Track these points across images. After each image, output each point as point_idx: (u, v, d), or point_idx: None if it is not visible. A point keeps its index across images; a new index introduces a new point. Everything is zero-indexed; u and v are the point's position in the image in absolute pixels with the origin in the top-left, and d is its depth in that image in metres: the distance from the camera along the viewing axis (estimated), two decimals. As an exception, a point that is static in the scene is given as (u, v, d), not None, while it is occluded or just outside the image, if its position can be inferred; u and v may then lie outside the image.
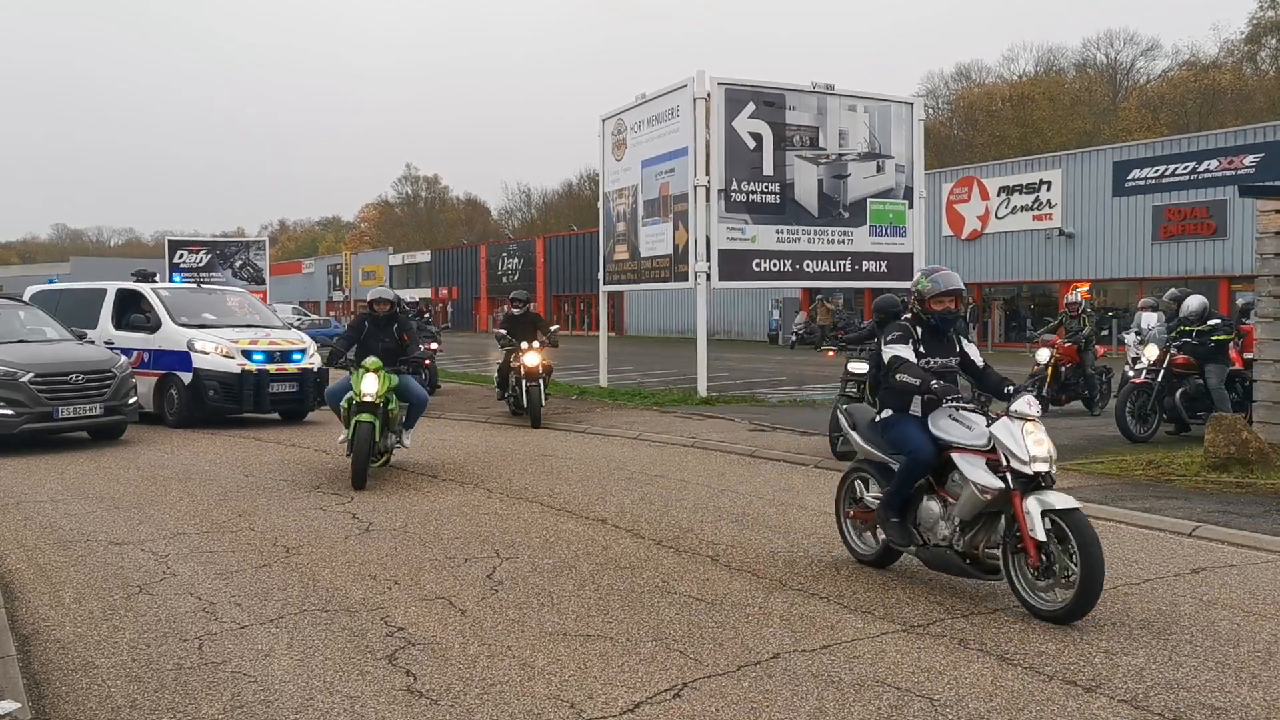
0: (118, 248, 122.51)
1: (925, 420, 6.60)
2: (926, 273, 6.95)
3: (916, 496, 6.58)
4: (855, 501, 7.28)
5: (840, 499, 7.41)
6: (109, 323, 16.64)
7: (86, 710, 4.66)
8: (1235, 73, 60.33)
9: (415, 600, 6.34)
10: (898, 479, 6.59)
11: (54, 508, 9.27)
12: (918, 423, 6.61)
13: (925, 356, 6.70)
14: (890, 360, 6.68)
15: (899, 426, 6.66)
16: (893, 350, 6.69)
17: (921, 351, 6.70)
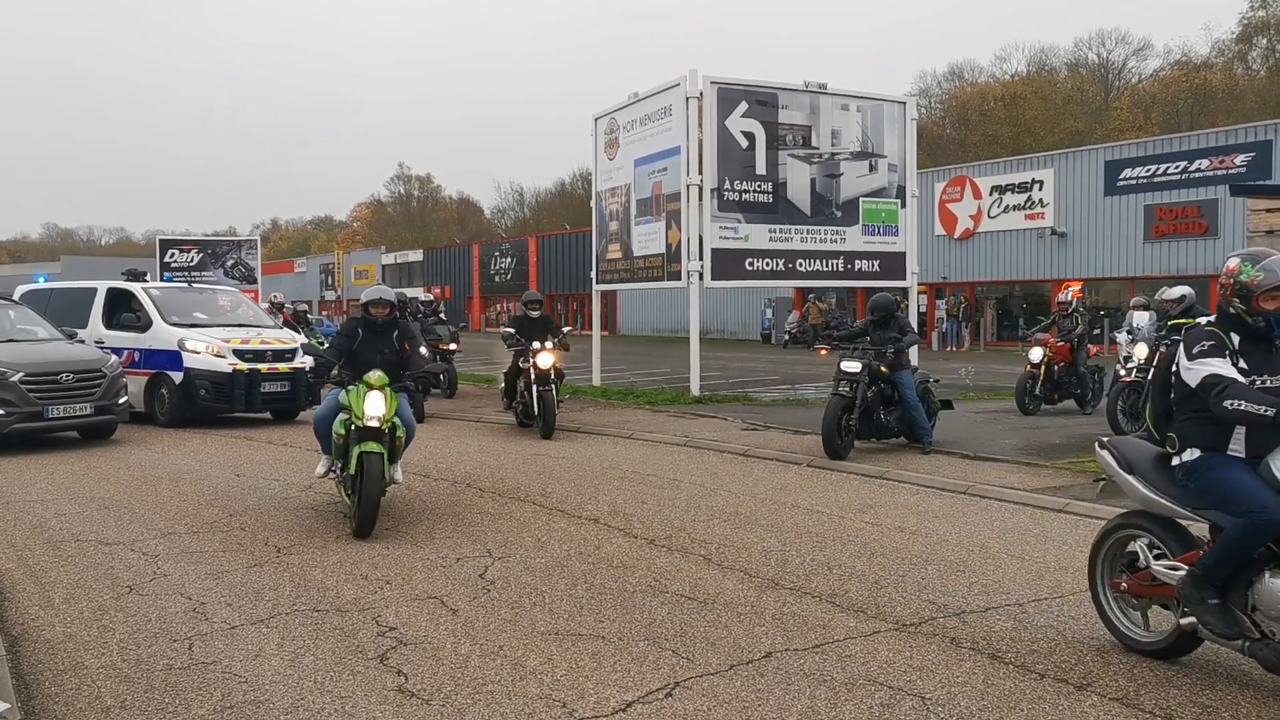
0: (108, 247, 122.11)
1: (1251, 464, 4.93)
2: (1252, 258, 5.06)
3: (1248, 570, 4.82)
4: (1129, 567, 5.44)
5: (1099, 561, 5.60)
6: (99, 322, 16.59)
7: (76, 711, 4.64)
8: (1226, 72, 60.51)
9: (407, 600, 6.32)
10: (1223, 547, 4.83)
11: (44, 507, 9.23)
12: (1246, 468, 4.92)
13: (1249, 374, 4.93)
14: (1205, 381, 4.88)
15: (1219, 472, 4.93)
16: (1207, 367, 4.91)
17: (1243, 367, 4.94)
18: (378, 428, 8.06)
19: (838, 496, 9.85)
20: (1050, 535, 8.13)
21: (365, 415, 8.00)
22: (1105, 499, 6.62)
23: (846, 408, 11.93)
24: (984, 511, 9.10)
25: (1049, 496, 9.51)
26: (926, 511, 9.07)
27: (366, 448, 7.92)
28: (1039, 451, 12.21)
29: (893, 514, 8.95)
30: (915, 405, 12.30)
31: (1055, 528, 8.42)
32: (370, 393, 8.11)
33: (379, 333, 8.84)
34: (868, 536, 8.09)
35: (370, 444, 7.95)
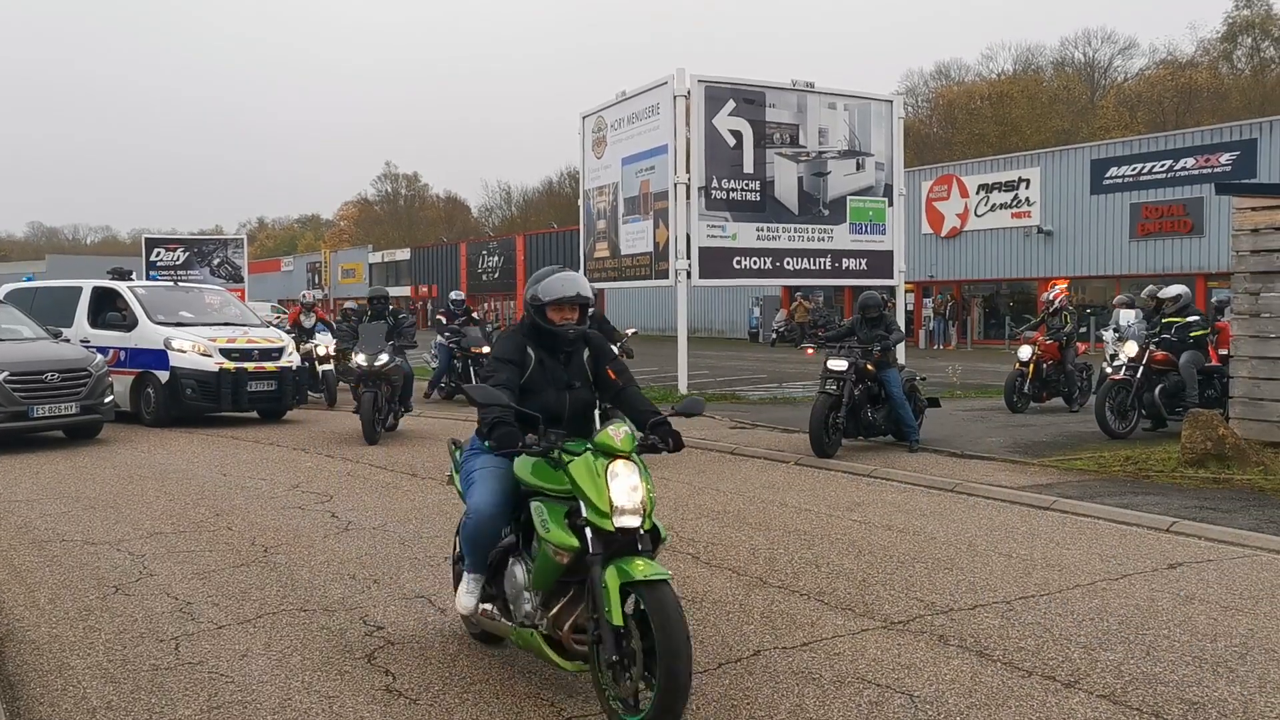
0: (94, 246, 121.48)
1: None
2: None
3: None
4: None
5: None
6: (85, 321, 16.51)
7: (62, 712, 4.62)
8: (1211, 71, 60.83)
9: (394, 599, 6.31)
10: None
11: (29, 507, 9.18)
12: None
13: None
14: None
15: None
16: None
17: None
18: (636, 527, 4.39)
19: (825, 495, 9.86)
20: (1038, 533, 8.15)
21: (615, 508, 4.36)
22: None
23: (834, 406, 11.95)
24: (971, 509, 9.12)
25: (1036, 494, 9.54)
26: (914, 509, 9.09)
27: (638, 570, 4.22)
28: (1026, 449, 12.25)
29: (880, 512, 8.96)
30: (902, 403, 12.33)
31: (1043, 525, 8.44)
32: (615, 465, 4.45)
33: (562, 353, 5.18)
34: (855, 535, 8.10)
35: (639, 563, 4.26)
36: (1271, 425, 10.90)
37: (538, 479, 4.70)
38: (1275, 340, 10.92)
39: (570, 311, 5.12)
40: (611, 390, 5.28)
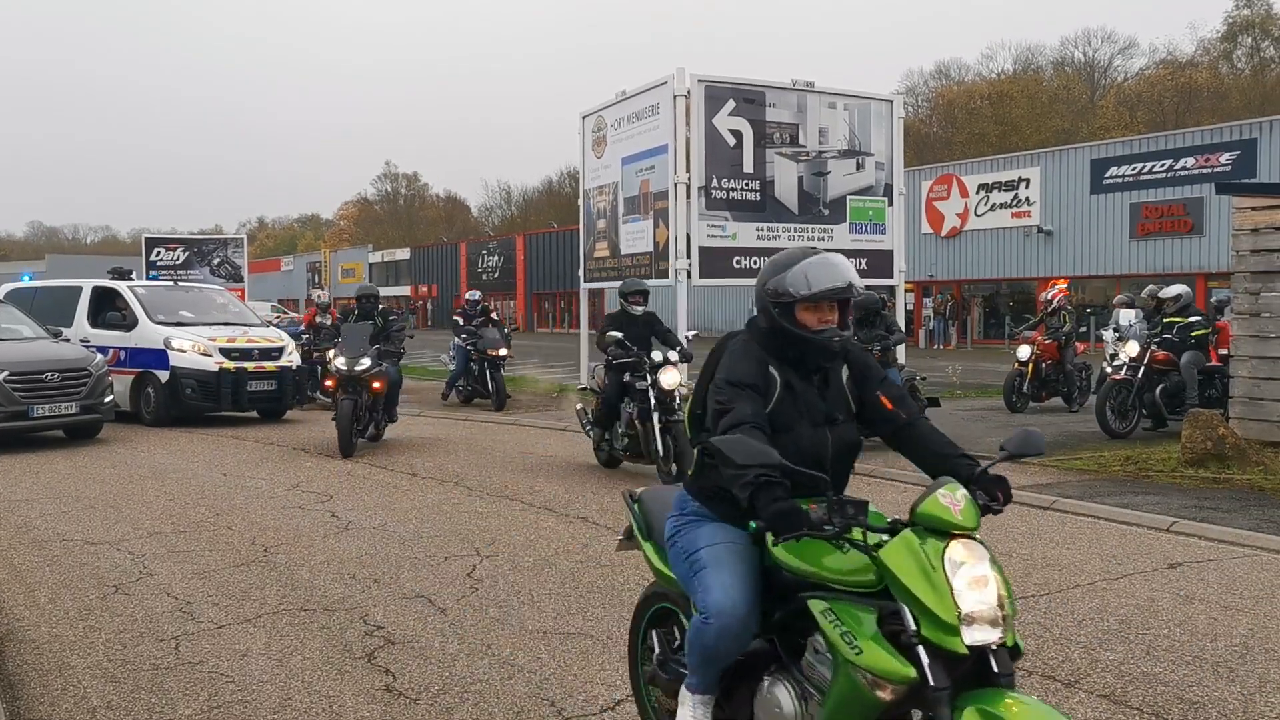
0: (94, 245, 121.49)
1: None
2: None
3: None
4: None
5: None
6: (85, 321, 16.52)
7: (62, 711, 4.62)
8: (1211, 71, 60.83)
9: (394, 599, 6.31)
10: None
11: (29, 507, 9.18)
12: None
13: None
14: None
15: None
16: None
17: None
18: (994, 640, 3.06)
19: (826, 494, 9.84)
20: (1038, 533, 8.15)
21: (965, 616, 3.04)
22: None
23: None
24: (971, 509, 9.10)
25: (1036, 494, 9.53)
26: (914, 509, 9.07)
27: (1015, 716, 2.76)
28: (1026, 449, 12.23)
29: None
30: (902, 403, 12.29)
31: (1043, 525, 8.44)
32: (953, 548, 3.26)
33: (817, 373, 3.61)
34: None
35: (1010, 703, 2.83)
36: (1271, 425, 10.90)
37: (812, 564, 3.27)
38: (1275, 340, 10.92)
39: (830, 312, 3.53)
40: (890, 425, 3.75)
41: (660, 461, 10.42)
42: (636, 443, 10.70)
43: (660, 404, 10.38)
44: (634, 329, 10.87)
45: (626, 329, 10.83)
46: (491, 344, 17.82)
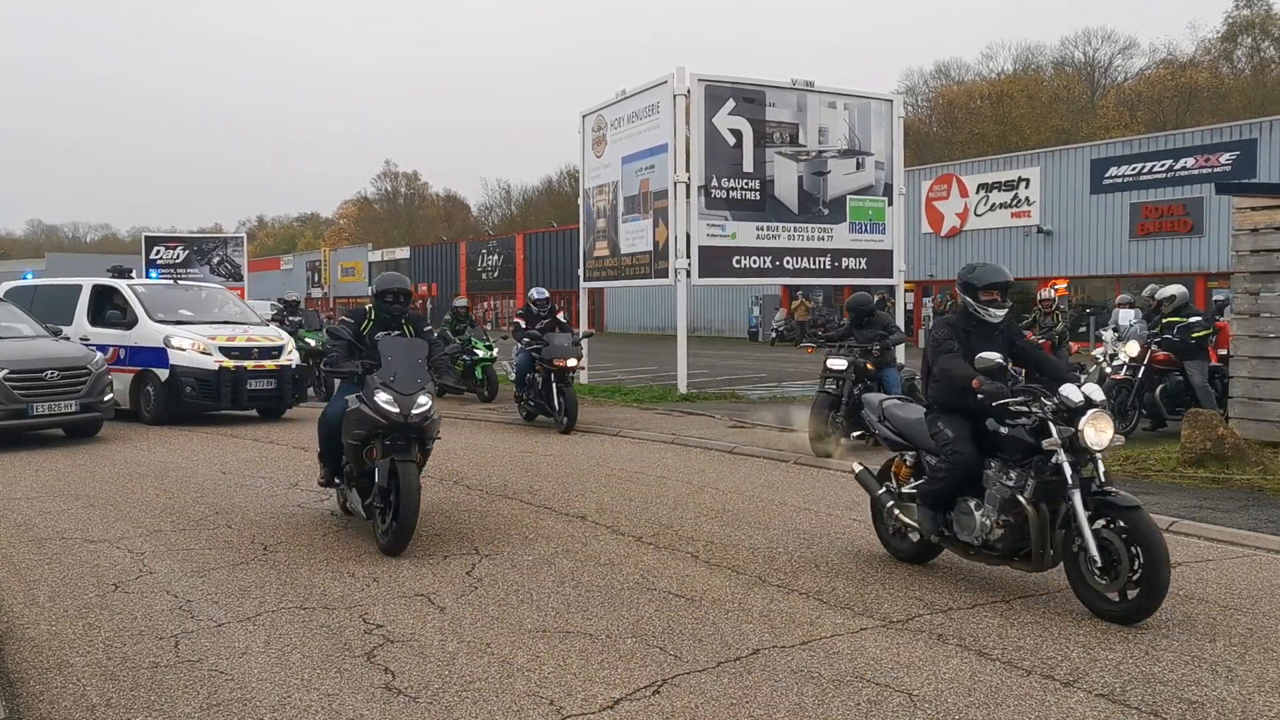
0: (94, 244, 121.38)
1: None
2: None
3: None
4: None
5: None
6: (85, 319, 16.51)
7: (61, 709, 4.62)
8: (1211, 71, 60.79)
9: (394, 597, 6.31)
10: None
11: (29, 505, 9.18)
12: None
13: None
14: None
15: None
16: None
17: None
18: None
19: (825, 494, 9.87)
20: (1036, 532, 8.14)
21: None
22: None
23: (833, 405, 11.96)
24: (971, 508, 9.10)
25: (1035, 493, 9.52)
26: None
27: None
28: (1025, 449, 12.23)
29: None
30: (901, 403, 12.31)
31: (1041, 524, 8.43)
32: None
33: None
34: (855, 533, 8.10)
35: None
36: (1271, 425, 10.90)
37: None
38: (1275, 340, 10.93)
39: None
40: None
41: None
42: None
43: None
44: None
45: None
46: (559, 353, 14.61)
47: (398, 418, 7.33)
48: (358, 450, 7.66)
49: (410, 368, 7.56)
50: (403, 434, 7.40)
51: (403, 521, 7.10)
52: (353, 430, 7.58)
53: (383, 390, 7.38)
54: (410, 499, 7.13)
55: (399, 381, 7.43)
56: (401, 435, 7.39)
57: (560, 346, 14.67)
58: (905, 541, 7.08)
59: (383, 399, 7.33)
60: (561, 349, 14.62)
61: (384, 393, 7.36)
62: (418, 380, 7.50)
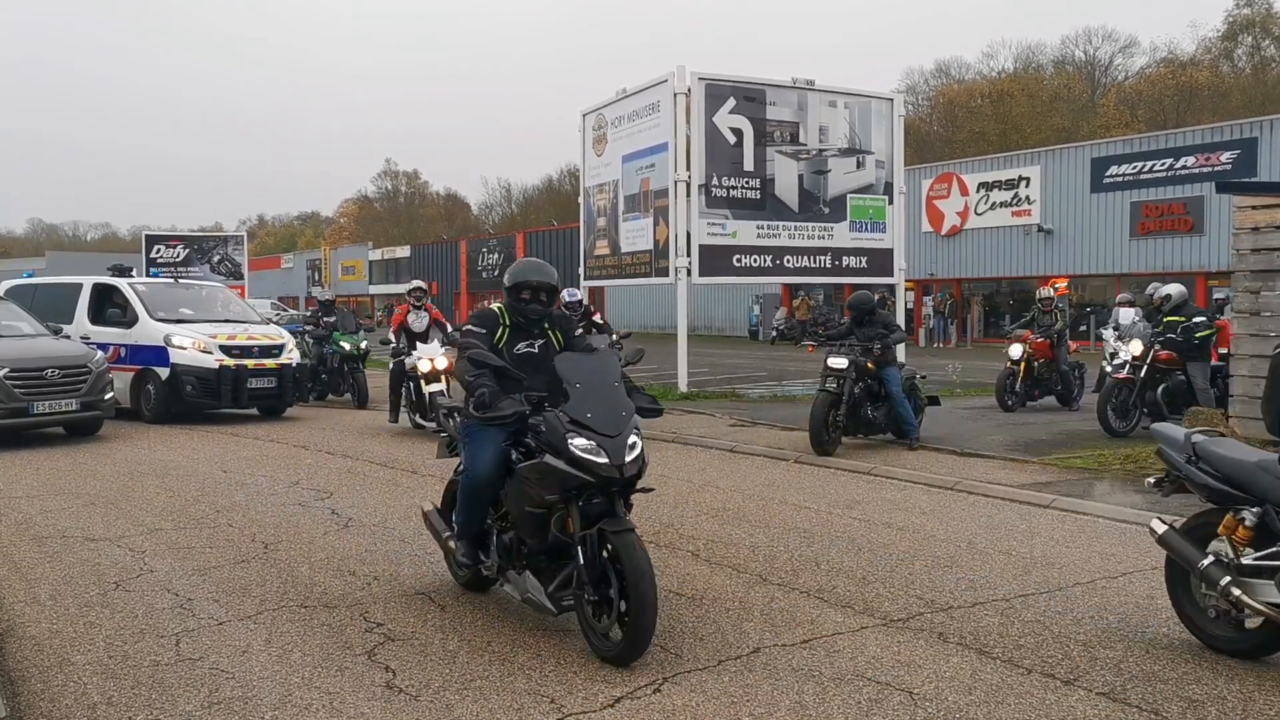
0: (94, 243, 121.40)
1: None
2: None
3: None
4: None
5: None
6: (85, 317, 16.52)
7: (62, 707, 4.62)
8: (1212, 70, 60.79)
9: (395, 596, 6.31)
10: None
11: (29, 504, 9.19)
12: None
13: None
14: None
15: None
16: None
17: None
18: None
19: (825, 492, 9.87)
20: (1037, 531, 8.16)
21: None
22: None
23: (834, 404, 11.96)
24: (971, 507, 9.12)
25: (1036, 492, 9.54)
26: (914, 507, 9.09)
27: None
28: (1026, 447, 12.25)
29: (880, 510, 8.96)
30: (902, 401, 12.33)
31: (1042, 523, 8.45)
32: None
33: None
34: (855, 532, 8.11)
35: None
36: (1271, 424, 10.89)
37: None
38: (1275, 339, 10.92)
39: None
40: None
41: None
42: None
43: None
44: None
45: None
46: None
47: (610, 471, 5.13)
48: (541, 521, 5.42)
49: (607, 396, 5.37)
50: (610, 491, 5.27)
51: (638, 622, 5.04)
52: (534, 495, 5.35)
53: (577, 434, 5.16)
54: (644, 587, 5.00)
55: (598, 418, 5.22)
56: (605, 493, 5.26)
57: None
58: (1235, 630, 5.24)
59: (582, 446, 5.12)
60: None
61: (580, 437, 5.14)
62: (621, 413, 5.32)
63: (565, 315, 6.45)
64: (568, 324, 6.30)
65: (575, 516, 5.23)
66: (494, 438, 5.63)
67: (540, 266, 6.02)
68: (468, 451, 5.80)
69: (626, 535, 5.09)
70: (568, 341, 6.12)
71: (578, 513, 5.22)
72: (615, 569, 5.10)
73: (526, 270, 5.99)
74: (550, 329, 6.09)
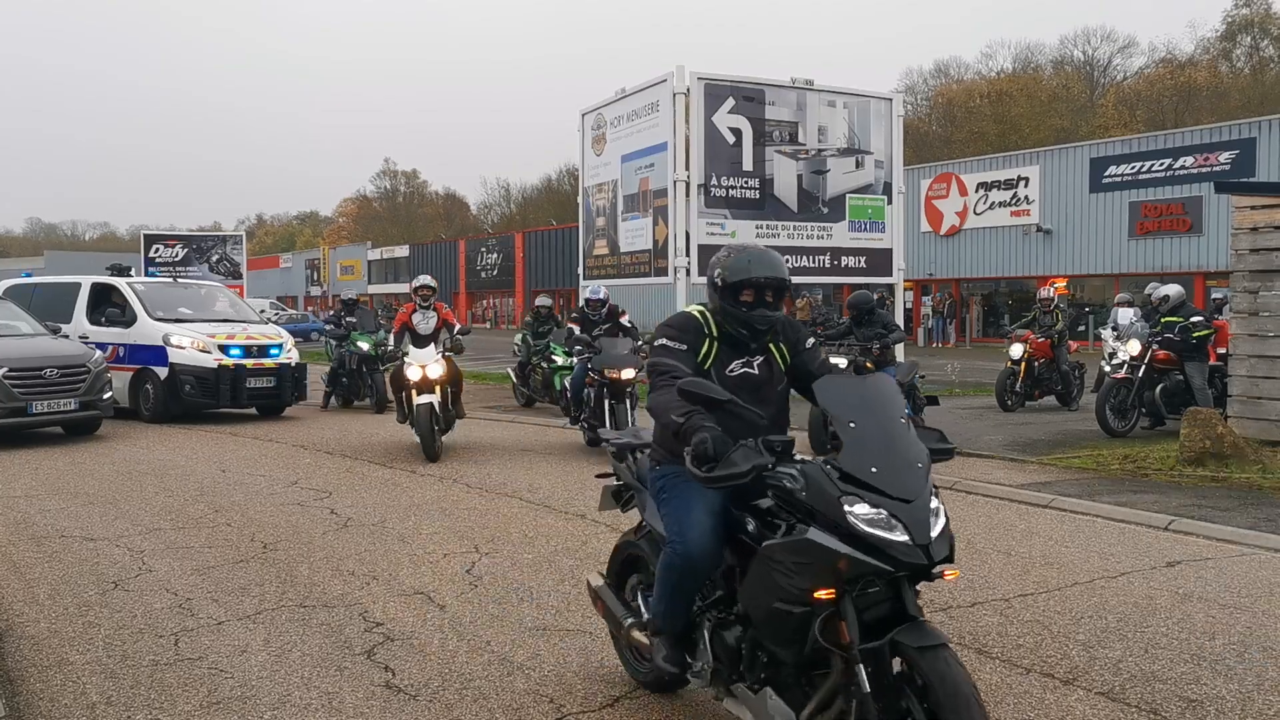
0: (93, 242, 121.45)
1: None
2: None
3: None
4: None
5: None
6: (84, 317, 16.51)
7: (61, 707, 4.62)
8: (1211, 70, 60.81)
9: (393, 595, 6.31)
10: None
11: (28, 503, 9.18)
12: None
13: None
14: None
15: None
16: None
17: None
18: None
19: (824, 492, 9.84)
20: (1036, 531, 8.16)
21: None
22: None
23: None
24: (970, 507, 9.12)
25: (1035, 492, 9.54)
26: (913, 507, 9.08)
27: None
28: (1025, 447, 12.25)
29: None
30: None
31: (1041, 523, 8.45)
32: None
33: None
34: (854, 532, 8.09)
35: None
36: (1270, 424, 10.91)
37: None
38: (1274, 339, 10.93)
39: None
40: None
41: None
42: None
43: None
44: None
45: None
46: (612, 362, 12.10)
47: (912, 554, 3.37)
48: (800, 625, 3.57)
49: (893, 440, 3.59)
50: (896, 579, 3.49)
51: None
52: (791, 588, 3.53)
53: (856, 498, 3.43)
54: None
55: (885, 473, 3.47)
56: (890, 580, 3.49)
57: (614, 354, 12.20)
58: None
59: (866, 517, 3.38)
60: (615, 357, 12.16)
61: (862, 503, 3.41)
62: (916, 465, 3.54)
63: (792, 322, 4.54)
64: (795, 333, 4.45)
65: (850, 619, 3.43)
66: (709, 497, 4.04)
67: (769, 257, 4.25)
68: (672, 515, 4.14)
69: (938, 653, 3.32)
70: (796, 358, 4.41)
71: (853, 612, 3.44)
72: (912, 692, 3.36)
73: (753, 262, 4.20)
74: (774, 342, 4.38)
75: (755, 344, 4.31)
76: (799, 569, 3.49)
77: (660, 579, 4.20)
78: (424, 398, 11.86)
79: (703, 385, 3.90)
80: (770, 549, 3.64)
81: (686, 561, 4.04)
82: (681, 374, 4.05)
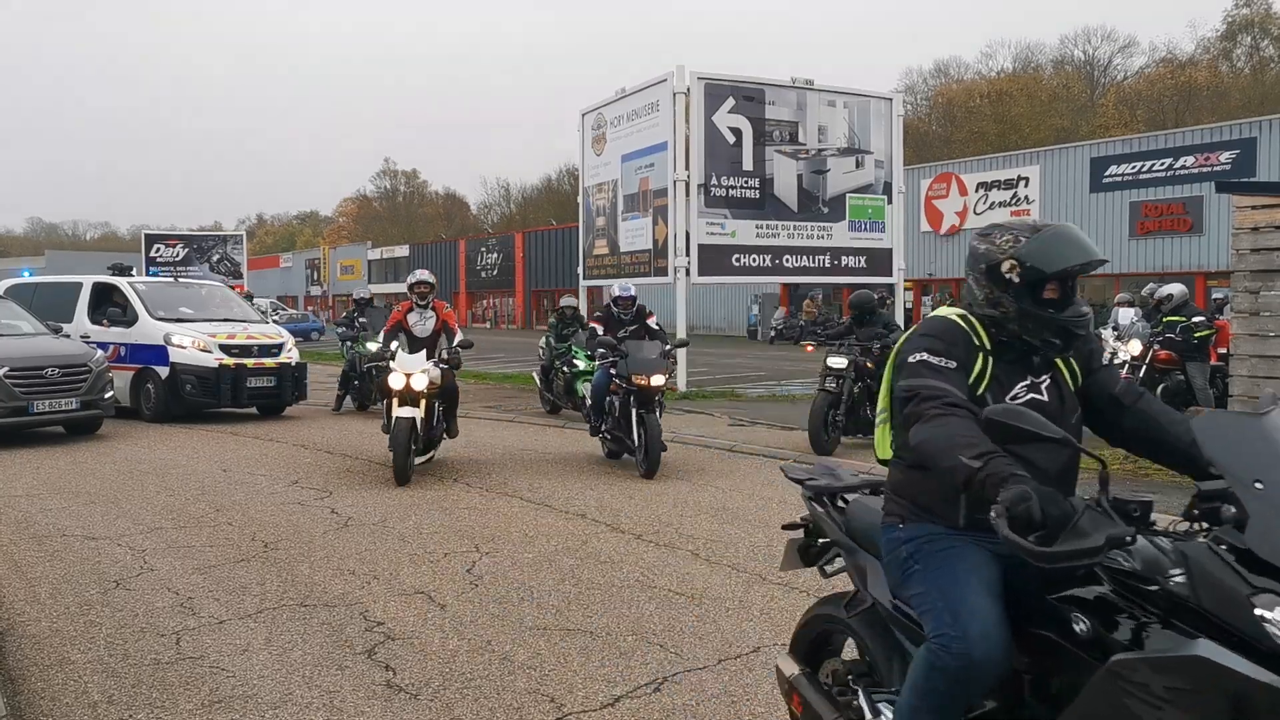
0: (93, 242, 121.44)
1: None
2: None
3: None
4: None
5: None
6: (84, 316, 16.51)
7: (62, 706, 4.63)
8: (1211, 70, 60.79)
9: (394, 595, 6.32)
10: None
11: (29, 502, 9.19)
12: None
13: None
14: None
15: None
16: None
17: None
18: None
19: (825, 492, 9.85)
20: (1036, 530, 8.15)
21: None
22: None
23: (833, 403, 11.97)
24: (970, 507, 9.11)
25: (1035, 492, 9.53)
26: (913, 507, 9.09)
27: None
28: (1025, 447, 12.24)
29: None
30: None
31: (1041, 523, 8.44)
32: None
33: None
34: (855, 531, 8.10)
35: None
36: (1270, 424, 10.89)
37: None
38: (1275, 339, 10.93)
39: None
40: None
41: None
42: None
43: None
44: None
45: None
46: (639, 367, 10.89)
47: None
48: None
49: None
50: None
51: None
52: None
53: (1277, 600, 2.30)
54: None
55: None
56: None
57: (642, 358, 10.94)
58: None
59: None
60: (645, 361, 10.90)
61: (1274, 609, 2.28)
62: None
63: None
64: (1087, 344, 3.31)
65: None
66: (986, 573, 2.99)
67: (1075, 234, 3.13)
68: (937, 597, 2.98)
69: None
70: (1090, 377, 3.33)
71: None
72: None
73: (1067, 244, 3.10)
74: (1060, 357, 3.24)
75: (1039, 359, 3.18)
76: (1174, 697, 2.39)
77: (919, 686, 2.97)
78: (404, 410, 10.30)
79: (1022, 415, 2.73)
80: (1127, 665, 2.50)
81: (965, 665, 2.83)
82: (955, 399, 2.96)
